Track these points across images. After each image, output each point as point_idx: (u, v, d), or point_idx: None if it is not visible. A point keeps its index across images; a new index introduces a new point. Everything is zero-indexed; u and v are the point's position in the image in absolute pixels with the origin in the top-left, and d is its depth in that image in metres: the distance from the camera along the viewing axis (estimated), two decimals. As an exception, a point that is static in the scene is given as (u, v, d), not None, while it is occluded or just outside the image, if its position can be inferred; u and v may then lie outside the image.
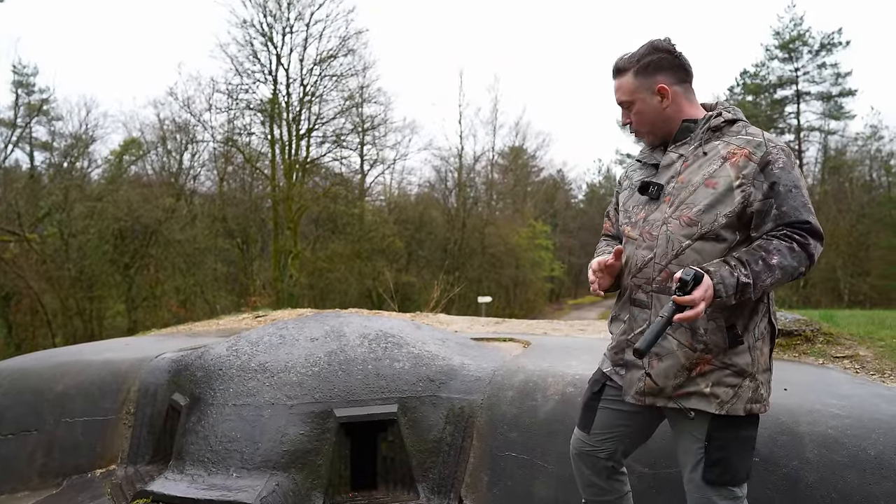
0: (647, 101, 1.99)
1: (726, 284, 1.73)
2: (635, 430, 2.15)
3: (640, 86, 1.99)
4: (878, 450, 2.49)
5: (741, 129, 1.93)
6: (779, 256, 1.75)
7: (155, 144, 28.21)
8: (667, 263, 1.91)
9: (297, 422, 3.19)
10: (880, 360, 3.83)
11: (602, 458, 2.15)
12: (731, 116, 1.96)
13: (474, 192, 35.26)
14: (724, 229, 1.84)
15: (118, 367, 4.09)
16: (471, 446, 3.24)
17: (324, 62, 26.51)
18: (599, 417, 2.14)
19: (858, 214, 29.10)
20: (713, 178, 1.86)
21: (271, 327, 4.00)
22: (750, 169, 1.83)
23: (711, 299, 1.72)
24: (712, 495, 1.90)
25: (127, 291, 23.64)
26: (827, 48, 31.12)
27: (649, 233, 1.97)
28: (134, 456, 3.73)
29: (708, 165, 1.89)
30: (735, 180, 1.83)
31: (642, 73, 1.98)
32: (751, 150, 1.85)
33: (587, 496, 2.24)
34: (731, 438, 1.88)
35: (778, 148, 1.86)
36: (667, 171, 1.99)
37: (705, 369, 1.87)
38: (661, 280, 1.92)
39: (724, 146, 1.89)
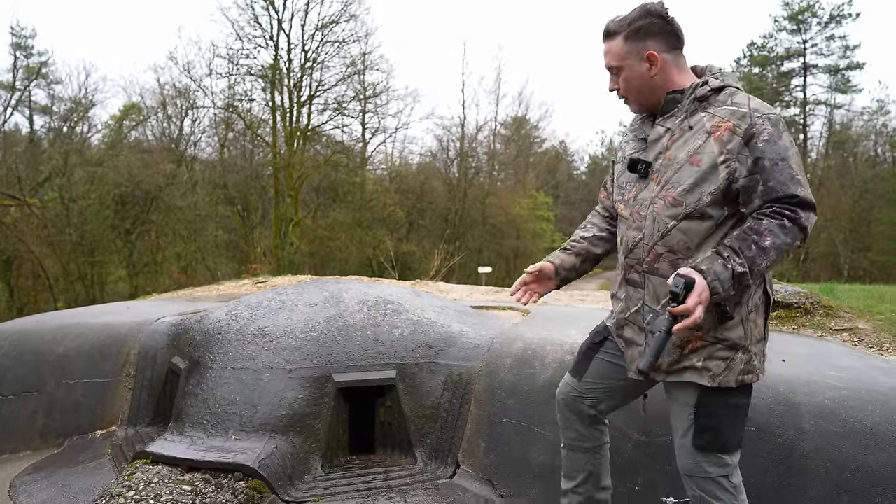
0: (636, 68, 1.94)
1: (722, 280, 1.70)
2: (623, 388, 2.18)
3: (629, 51, 1.94)
4: (875, 421, 2.50)
5: (727, 97, 1.87)
6: (771, 237, 1.72)
7: (155, 110, 28.00)
8: (654, 244, 1.91)
9: (295, 386, 3.20)
10: (879, 333, 3.84)
11: (587, 406, 2.21)
12: (717, 84, 1.89)
13: (476, 162, 35.05)
14: (710, 206, 1.82)
15: (118, 331, 4.10)
16: (468, 412, 3.26)
17: (325, 27, 26.16)
18: (594, 367, 2.18)
19: (861, 190, 28.94)
20: (697, 154, 1.82)
21: (271, 292, 4.00)
22: (734, 143, 1.78)
23: (708, 300, 1.70)
24: (702, 461, 1.91)
25: (128, 257, 23.69)
26: (836, 20, 30.60)
27: (638, 213, 1.97)
28: (134, 418, 3.76)
29: (693, 140, 1.85)
30: (719, 156, 1.79)
31: (632, 38, 1.93)
32: (735, 122, 1.79)
33: (566, 440, 2.29)
34: (720, 405, 1.88)
35: (763, 118, 1.79)
36: (655, 147, 1.95)
37: (697, 345, 1.88)
38: (651, 261, 1.92)
39: (709, 118, 1.84)
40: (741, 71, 34.70)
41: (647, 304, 1.96)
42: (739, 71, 34.81)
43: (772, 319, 4.20)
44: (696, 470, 1.92)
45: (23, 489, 3.14)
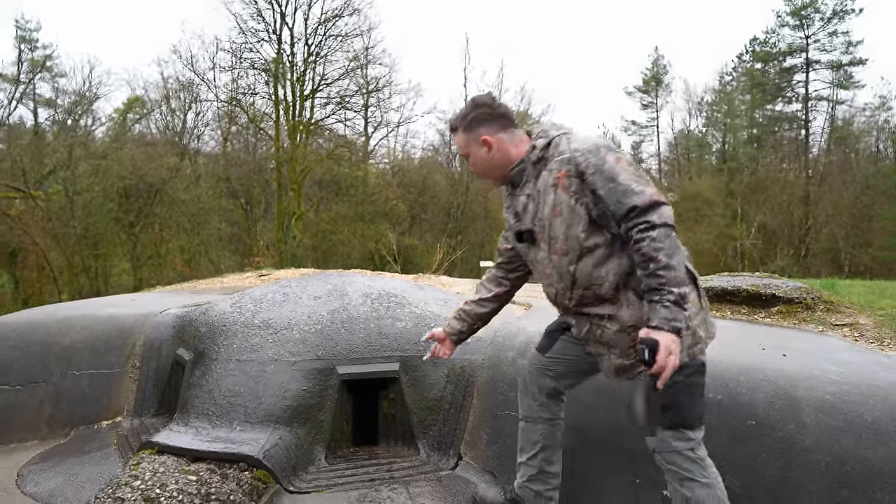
0: (477, 153, 2.26)
1: (670, 318, 1.88)
2: (584, 364, 2.39)
3: (468, 140, 2.27)
4: (875, 415, 2.51)
5: (554, 149, 2.12)
6: (659, 253, 1.90)
7: (159, 103, 28.00)
8: (571, 291, 2.15)
9: (299, 378, 3.23)
10: (880, 328, 3.85)
11: (549, 378, 2.44)
12: (543, 142, 2.16)
13: (479, 156, 34.94)
14: (591, 239, 2.06)
15: (123, 322, 4.14)
16: (471, 405, 3.28)
17: (328, 21, 26.11)
18: (559, 345, 2.42)
19: (863, 186, 28.84)
20: (556, 207, 2.09)
21: (275, 285, 4.03)
22: (574, 185, 2.04)
23: (677, 342, 1.88)
24: (667, 437, 2.07)
25: (132, 250, 23.73)
26: (839, 15, 30.46)
27: (543, 272, 2.23)
28: (139, 408, 3.80)
29: (548, 197, 2.11)
30: (571, 200, 2.05)
31: (468, 130, 2.26)
32: (565, 168, 2.06)
33: (524, 411, 2.53)
34: (676, 383, 2.01)
35: (583, 153, 2.03)
36: (526, 215, 2.21)
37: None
38: (575, 303, 2.16)
39: (548, 175, 2.11)
40: (743, 66, 34.56)
41: (592, 324, 2.17)
42: (742, 67, 34.67)
43: (773, 314, 4.21)
44: (662, 446, 2.10)
45: (30, 478, 3.17)
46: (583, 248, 2.07)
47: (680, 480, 2.09)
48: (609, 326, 2.12)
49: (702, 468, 2.08)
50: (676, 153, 43.95)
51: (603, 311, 2.11)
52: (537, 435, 2.49)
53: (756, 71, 33.24)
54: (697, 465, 2.07)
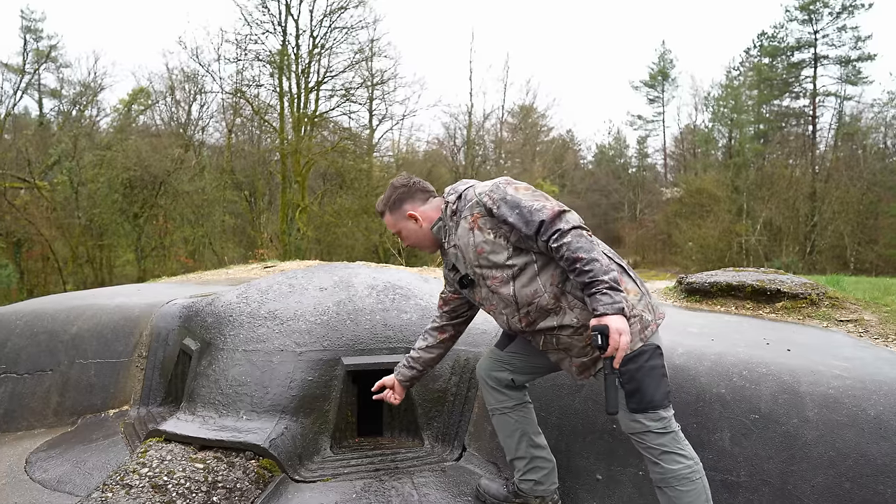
0: (408, 226, 2.54)
1: (611, 303, 2.03)
2: (541, 360, 2.54)
3: (396, 219, 2.55)
4: (878, 410, 2.53)
5: (463, 201, 2.37)
6: (579, 253, 2.08)
7: (163, 94, 28.09)
8: (518, 312, 2.32)
9: (305, 368, 3.25)
10: (884, 324, 3.86)
11: (506, 373, 2.60)
12: (454, 197, 2.41)
13: (483, 150, 35.00)
14: (517, 260, 2.26)
15: (131, 312, 4.17)
16: (475, 397, 3.30)
17: (334, 13, 26.07)
18: (517, 343, 2.59)
19: (870, 182, 28.74)
20: (476, 246, 2.31)
21: (281, 276, 4.04)
22: (487, 222, 2.28)
23: (625, 321, 2.03)
24: (639, 418, 2.21)
25: (136, 241, 23.82)
26: (848, 10, 30.36)
27: (491, 305, 2.41)
28: (146, 397, 3.83)
29: (470, 241, 2.32)
30: (489, 235, 2.27)
31: (393, 210, 2.55)
32: (476, 212, 2.30)
33: (490, 406, 2.67)
34: (636, 369, 2.19)
35: (486, 194, 2.29)
36: (459, 263, 2.41)
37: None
38: (526, 324, 2.33)
39: (464, 222, 2.34)
40: (751, 61, 34.42)
41: (546, 336, 2.34)
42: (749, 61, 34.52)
43: (777, 310, 4.22)
44: (636, 427, 2.23)
45: (38, 465, 3.21)
46: (514, 272, 2.27)
47: (657, 456, 2.22)
48: (562, 334, 2.29)
49: (675, 441, 2.22)
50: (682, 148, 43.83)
51: (551, 322, 2.28)
52: (512, 423, 2.63)
53: (763, 66, 33.13)
54: (670, 438, 2.21)
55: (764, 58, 33.51)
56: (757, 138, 33.91)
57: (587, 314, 2.19)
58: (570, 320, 2.25)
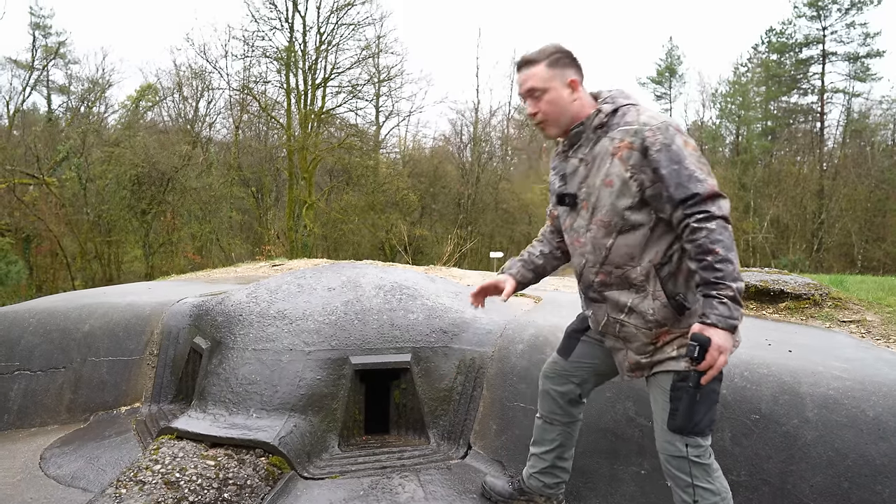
0: (560, 91, 2.10)
1: (729, 316, 1.83)
2: (606, 367, 2.37)
3: (553, 76, 2.10)
4: (877, 412, 2.56)
5: (620, 118, 2.04)
6: (717, 245, 1.85)
7: (171, 91, 28.21)
8: (599, 266, 2.10)
9: (314, 367, 3.31)
10: (887, 325, 3.88)
11: (574, 384, 2.41)
12: (609, 108, 2.08)
13: (489, 146, 34.96)
14: (635, 217, 2.01)
15: (142, 310, 4.23)
16: (481, 396, 3.35)
17: (341, 10, 26.12)
18: (580, 348, 2.38)
19: (878, 180, 28.60)
20: (608, 176, 2.02)
21: (289, 276, 4.10)
22: (634, 158, 1.96)
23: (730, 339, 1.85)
24: (676, 441, 2.05)
25: (144, 237, 23.97)
26: (857, 6, 30.15)
27: (578, 240, 2.18)
28: (157, 395, 3.90)
29: (602, 165, 2.04)
30: (625, 173, 1.98)
31: (554, 65, 2.11)
32: (629, 139, 1.97)
33: (543, 412, 2.51)
34: (693, 388, 2.00)
35: (653, 129, 1.95)
36: (574, 178, 2.15)
37: (667, 339, 2.07)
38: (601, 280, 2.11)
39: (609, 142, 2.03)
40: (759, 58, 34.29)
41: (611, 316, 2.14)
42: (757, 58, 34.40)
43: (781, 310, 4.25)
44: (671, 449, 2.07)
45: (53, 461, 3.28)
46: (625, 224, 2.01)
47: (685, 486, 2.07)
48: (629, 321, 2.08)
49: (707, 473, 2.07)
50: (688, 145, 43.49)
51: (625, 299, 2.06)
52: (554, 434, 2.51)
53: (771, 62, 32.97)
54: (703, 470, 2.06)
55: (772, 54, 33.34)
56: (764, 135, 33.77)
57: (667, 312, 2.01)
58: (645, 308, 2.04)
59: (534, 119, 2.15)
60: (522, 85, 2.14)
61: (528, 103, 2.14)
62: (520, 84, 2.15)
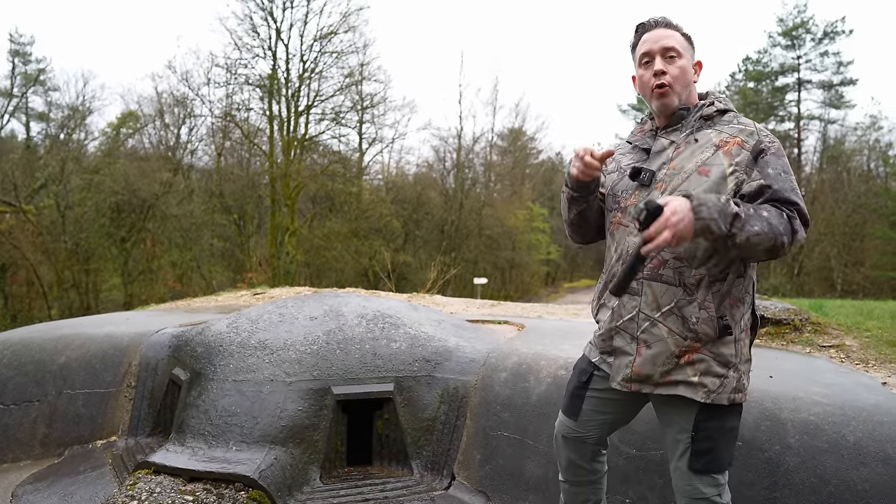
0: (689, 65, 2.04)
1: (711, 206, 1.70)
2: (622, 415, 2.20)
3: (688, 48, 2.04)
4: (857, 437, 2.58)
5: (732, 118, 1.99)
6: (768, 213, 1.76)
7: (152, 118, 28.10)
8: (659, 256, 1.91)
9: (295, 398, 3.27)
10: (865, 350, 3.93)
11: (590, 443, 2.20)
12: (722, 106, 2.01)
13: (472, 173, 35.23)
14: None
15: (120, 341, 4.17)
16: (464, 425, 3.33)
17: (324, 38, 26.34)
18: (587, 405, 2.17)
19: (855, 204, 29.16)
20: (706, 165, 1.89)
21: (271, 305, 4.07)
22: (743, 156, 1.87)
23: (690, 226, 1.69)
24: (696, 482, 1.94)
25: (123, 265, 23.70)
26: (830, 36, 31.02)
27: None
28: (135, 428, 3.82)
29: (700, 153, 1.92)
30: (728, 167, 1.86)
31: (689, 41, 2.06)
32: (743, 138, 1.90)
33: (567, 476, 2.28)
34: (716, 429, 1.91)
35: (770, 137, 1.92)
36: (658, 158, 2.00)
37: (693, 358, 1.89)
38: (654, 266, 1.92)
39: (716, 135, 1.94)
40: (736, 85, 35.04)
41: (643, 312, 1.95)
42: (735, 85, 35.16)
43: (761, 336, 4.28)
44: (692, 492, 1.96)
45: (25, 498, 3.18)
46: None
47: None
48: (663, 322, 1.91)
49: None
50: (668, 171, 44.13)
51: (668, 298, 1.90)
52: (586, 495, 2.29)
53: (749, 90, 33.68)
54: None
55: (749, 82, 34.10)
56: (743, 161, 34.28)
57: (708, 328, 1.86)
58: (689, 314, 1.87)
59: (660, 78, 1.99)
60: (659, 41, 2.00)
61: (659, 62, 1.99)
62: (653, 40, 2.02)
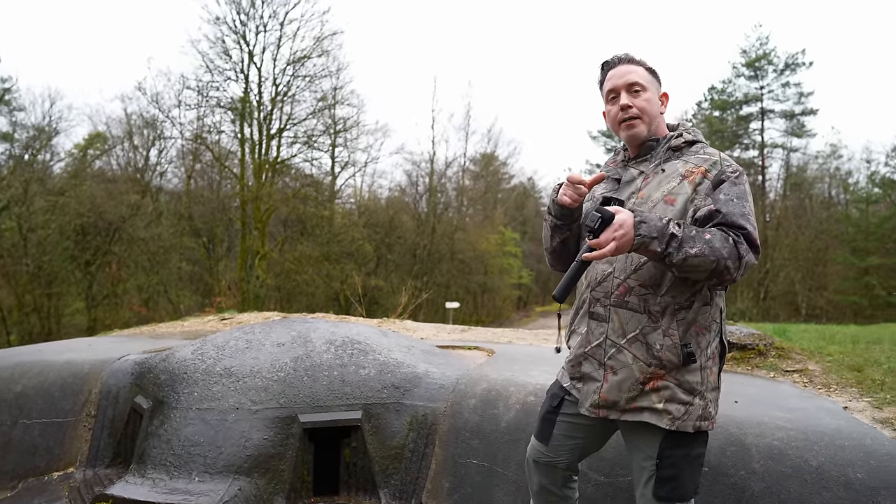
0: (655, 97, 2.10)
1: (650, 225, 1.76)
2: (592, 440, 2.20)
3: (652, 81, 2.11)
4: (820, 461, 2.62)
5: (699, 149, 2.05)
6: (711, 236, 1.79)
7: (121, 139, 27.74)
8: (625, 278, 1.96)
9: (261, 427, 3.21)
10: (827, 374, 4.01)
11: (561, 469, 2.20)
12: (691, 137, 2.08)
13: (445, 197, 35.38)
14: None
15: (80, 369, 4.05)
16: (433, 453, 3.29)
17: (297, 62, 26.38)
18: (558, 429, 2.18)
19: (817, 230, 29.96)
20: (672, 194, 1.95)
21: (237, 331, 4.01)
22: (704, 185, 1.94)
23: (630, 240, 1.75)
24: None
25: (87, 289, 23.12)
26: (791, 68, 32.09)
27: None
28: (93, 459, 3.70)
29: (667, 183, 1.98)
30: (691, 195, 1.93)
31: (653, 75, 2.13)
32: (707, 167, 1.97)
33: (538, 502, 2.28)
34: (682, 456, 1.92)
35: (732, 166, 1.98)
36: (628, 187, 2.06)
37: (658, 384, 1.92)
38: (620, 294, 1.97)
39: (682, 165, 2.00)
40: (702, 114, 35.95)
41: (609, 339, 1.98)
42: (701, 114, 36.07)
43: (727, 360, 4.34)
44: None
45: (-25, 534, 3.06)
46: None
47: None
48: (629, 349, 1.94)
49: None
50: (637, 196, 44.84)
51: (634, 324, 1.93)
52: None
53: (714, 118, 34.53)
54: None
55: (715, 110, 34.97)
56: (709, 187, 35.01)
57: (673, 355, 1.89)
58: (653, 341, 1.91)
59: (627, 112, 2.06)
60: (623, 77, 2.09)
61: (625, 97, 2.07)
62: (618, 77, 2.10)
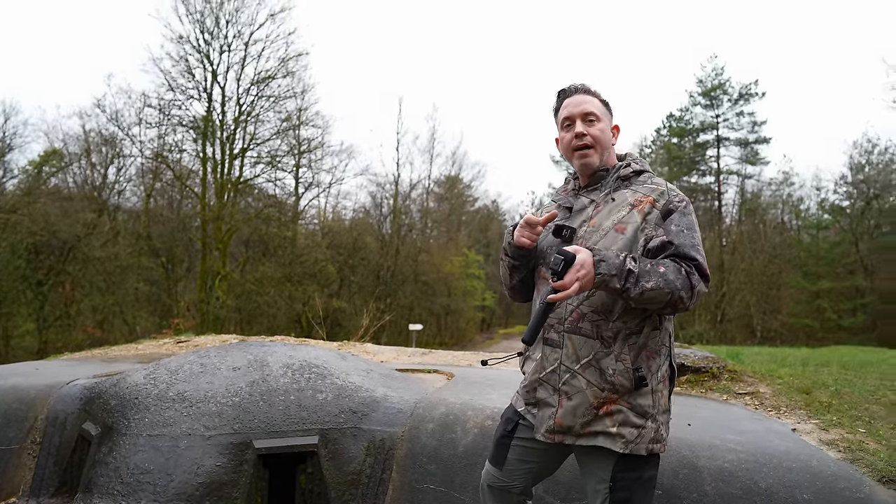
0: (607, 128, 2.18)
1: (609, 263, 1.83)
2: (546, 465, 2.21)
3: (606, 113, 2.20)
4: (769, 483, 2.68)
5: (647, 178, 2.12)
6: (665, 269, 1.87)
7: (78, 156, 27.10)
8: (578, 304, 1.99)
9: (214, 453, 3.14)
10: (778, 396, 4.11)
11: (515, 493, 2.20)
12: (639, 167, 2.15)
13: (409, 219, 35.39)
14: None
15: (26, 394, 3.91)
16: (390, 478, 3.26)
17: (262, 82, 26.28)
18: (512, 454, 2.18)
19: (771, 255, 30.85)
20: (622, 223, 2.00)
21: (192, 355, 3.93)
22: (653, 215, 2.00)
23: (591, 279, 1.82)
24: None
25: (39, 310, 22.36)
26: (745, 98, 33.25)
27: None
28: (37, 488, 3.56)
29: (617, 211, 2.04)
30: (641, 224, 1.99)
31: (607, 106, 2.22)
32: (655, 197, 2.03)
33: None
34: (634, 479, 1.94)
35: (679, 197, 2.06)
36: (579, 216, 2.11)
37: (612, 409, 1.95)
38: (573, 320, 1.99)
39: (631, 194, 2.07)
40: (661, 140, 36.90)
41: (564, 364, 2.00)
42: (660, 140, 37.02)
43: (682, 383, 4.42)
44: None
45: None
46: None
47: None
48: (582, 374, 1.97)
49: None
50: (599, 220, 45.58)
51: (588, 349, 1.96)
52: None
53: (672, 145, 35.46)
54: None
55: (673, 137, 35.93)
56: (668, 212, 35.81)
57: (625, 379, 1.93)
58: (606, 366, 1.94)
59: (581, 140, 2.13)
60: (579, 106, 2.16)
61: (580, 125, 2.14)
62: (574, 105, 2.17)
